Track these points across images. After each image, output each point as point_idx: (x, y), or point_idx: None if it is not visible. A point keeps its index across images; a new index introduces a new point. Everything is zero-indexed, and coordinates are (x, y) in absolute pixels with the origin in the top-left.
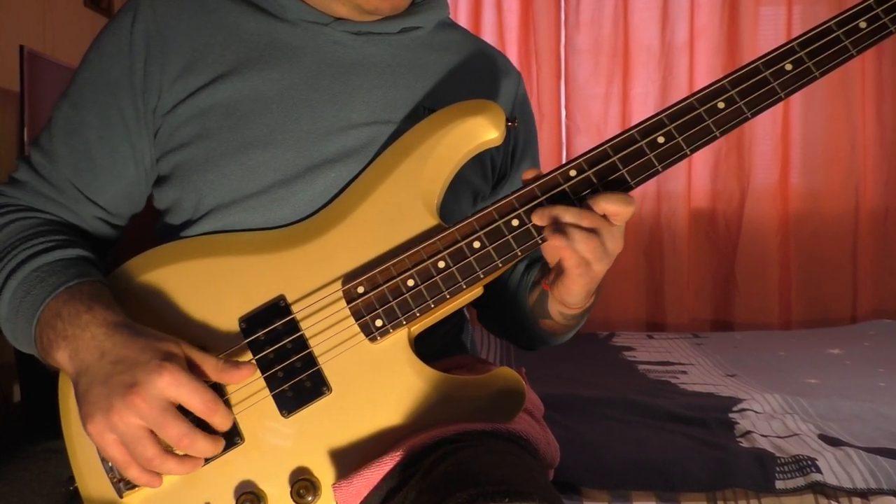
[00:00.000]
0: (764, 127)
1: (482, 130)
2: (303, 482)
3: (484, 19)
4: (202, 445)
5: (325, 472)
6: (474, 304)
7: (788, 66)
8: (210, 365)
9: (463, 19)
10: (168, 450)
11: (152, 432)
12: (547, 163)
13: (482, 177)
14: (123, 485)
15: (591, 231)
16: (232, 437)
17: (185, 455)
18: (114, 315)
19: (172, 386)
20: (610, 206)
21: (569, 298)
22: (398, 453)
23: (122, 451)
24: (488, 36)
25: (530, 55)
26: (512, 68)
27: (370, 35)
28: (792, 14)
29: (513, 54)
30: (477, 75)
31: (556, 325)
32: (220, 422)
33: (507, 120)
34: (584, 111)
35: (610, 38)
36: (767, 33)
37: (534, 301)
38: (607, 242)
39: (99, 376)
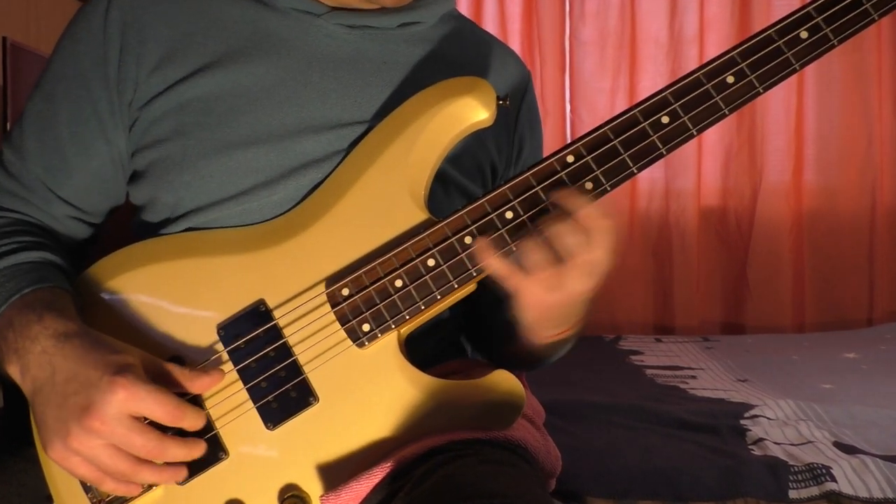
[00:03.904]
0: (777, 122)
1: (471, 111)
2: (292, 499)
3: (486, 10)
4: (175, 452)
5: (313, 486)
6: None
7: (804, 34)
8: (176, 375)
9: (464, 10)
10: (139, 459)
11: (118, 447)
12: None
13: (481, 184)
14: None
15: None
16: (216, 453)
17: (161, 467)
18: (65, 325)
19: (130, 400)
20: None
21: (522, 317)
22: (388, 464)
23: (91, 468)
24: (490, 27)
25: (534, 47)
26: (520, 66)
27: (365, 29)
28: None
29: (516, 46)
30: (481, 73)
31: (525, 352)
32: (191, 423)
33: (499, 98)
34: (589, 106)
35: (616, 29)
36: None
37: (507, 322)
38: (566, 277)
39: (52, 398)
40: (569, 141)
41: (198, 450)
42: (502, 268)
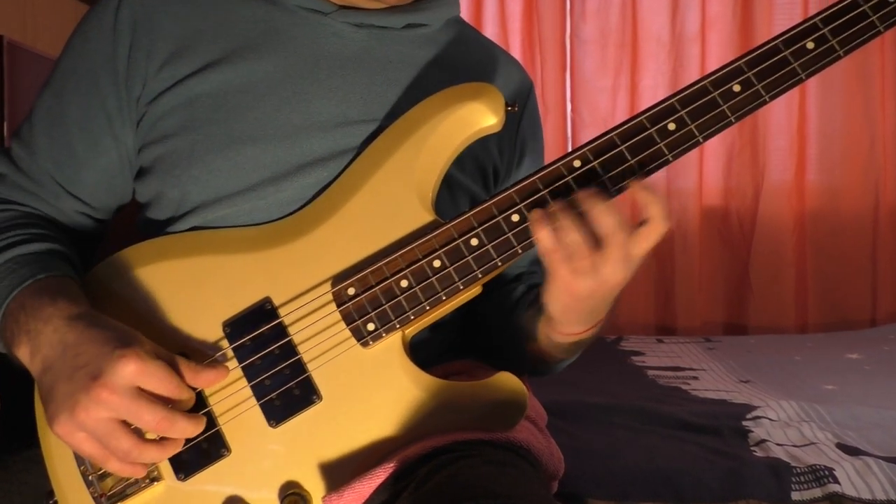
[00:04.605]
0: (779, 121)
1: (479, 116)
2: (293, 496)
3: (486, 8)
4: (182, 425)
5: (315, 485)
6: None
7: (810, 45)
8: (181, 369)
9: (464, 8)
10: (144, 437)
11: (124, 423)
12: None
13: (483, 186)
14: (106, 500)
15: (590, 238)
16: (218, 449)
17: (165, 444)
18: (77, 307)
19: (138, 373)
20: (606, 218)
21: (550, 306)
22: (391, 464)
23: (96, 445)
24: (490, 25)
25: (534, 46)
26: (522, 74)
27: (373, 28)
28: (809, 1)
29: (516, 45)
30: (484, 78)
31: (541, 352)
32: (191, 398)
33: (507, 104)
34: (590, 105)
35: (618, 27)
36: (783, 22)
37: (525, 320)
38: (602, 264)
39: (62, 372)
40: (569, 139)
41: (201, 424)
42: (550, 242)
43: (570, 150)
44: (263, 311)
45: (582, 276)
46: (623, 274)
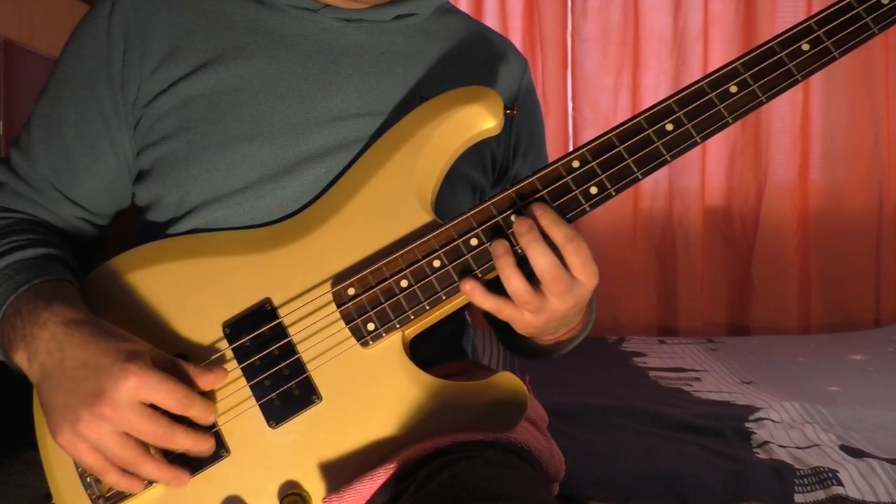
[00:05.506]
0: (782, 120)
1: (479, 119)
2: (292, 497)
3: (486, 6)
4: (182, 439)
5: (315, 486)
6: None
7: (806, 47)
8: (180, 371)
9: (464, 5)
10: (147, 451)
11: (126, 434)
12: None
13: (482, 172)
14: (104, 501)
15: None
16: (217, 450)
17: (167, 464)
18: (74, 312)
19: (140, 387)
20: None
21: (518, 331)
22: (391, 465)
23: (97, 456)
24: (491, 23)
25: (535, 44)
26: (516, 55)
27: (362, 22)
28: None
29: (517, 42)
30: (478, 62)
31: (530, 346)
32: (199, 414)
33: (506, 107)
34: (592, 103)
35: (619, 26)
36: (786, 20)
37: None
38: (546, 302)
39: (62, 384)
40: (570, 138)
41: (205, 442)
42: (493, 305)
43: (571, 148)
44: (263, 312)
45: (531, 314)
46: (569, 302)
